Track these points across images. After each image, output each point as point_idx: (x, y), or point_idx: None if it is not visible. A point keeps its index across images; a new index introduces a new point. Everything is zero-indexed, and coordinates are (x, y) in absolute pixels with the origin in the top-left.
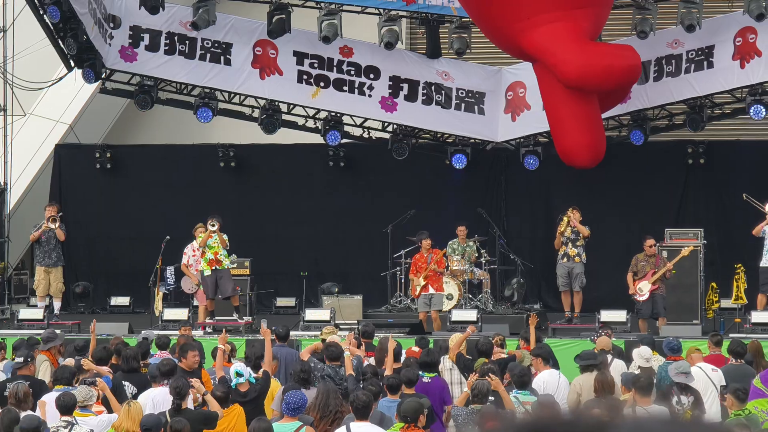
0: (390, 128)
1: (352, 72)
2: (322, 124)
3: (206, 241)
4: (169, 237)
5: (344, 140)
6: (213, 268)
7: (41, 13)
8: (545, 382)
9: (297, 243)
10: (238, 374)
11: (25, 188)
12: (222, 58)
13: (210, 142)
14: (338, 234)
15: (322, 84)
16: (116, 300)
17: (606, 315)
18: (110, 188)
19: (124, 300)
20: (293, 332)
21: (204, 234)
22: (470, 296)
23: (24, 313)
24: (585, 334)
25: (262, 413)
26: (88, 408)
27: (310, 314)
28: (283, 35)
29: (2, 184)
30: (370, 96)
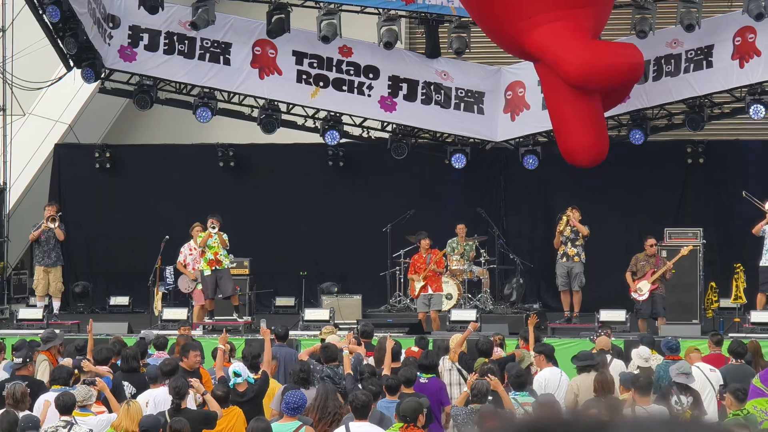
0: (389, 128)
1: (352, 72)
2: (322, 124)
3: (206, 241)
4: (169, 237)
5: (343, 140)
6: (213, 268)
7: (41, 13)
8: (546, 380)
9: (296, 243)
10: (236, 374)
11: (25, 188)
12: (221, 58)
13: (209, 142)
14: (337, 234)
15: (322, 84)
16: (115, 300)
17: (605, 315)
18: (109, 188)
19: (124, 300)
20: (292, 332)
21: (204, 234)
22: (469, 296)
23: (23, 313)
24: (584, 334)
25: (261, 413)
26: (88, 408)
27: (310, 314)
28: (283, 35)
29: (1, 184)
30: (370, 96)
